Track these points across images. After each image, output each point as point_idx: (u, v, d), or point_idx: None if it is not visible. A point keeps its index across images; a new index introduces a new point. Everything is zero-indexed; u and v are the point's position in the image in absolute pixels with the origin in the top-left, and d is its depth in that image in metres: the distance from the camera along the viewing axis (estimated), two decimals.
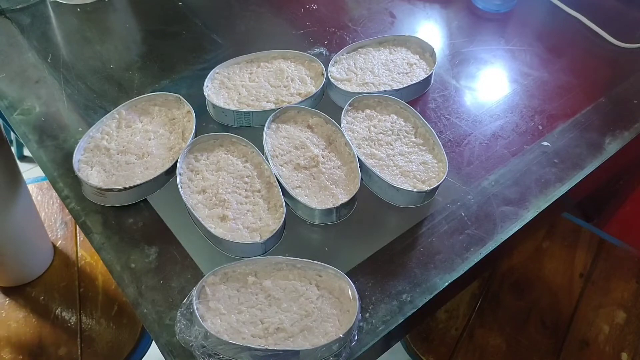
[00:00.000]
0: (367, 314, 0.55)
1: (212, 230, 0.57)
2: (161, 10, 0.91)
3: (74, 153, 0.64)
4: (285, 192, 0.61)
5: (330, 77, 0.73)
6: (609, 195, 1.18)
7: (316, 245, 0.60)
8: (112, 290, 0.85)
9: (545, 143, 0.71)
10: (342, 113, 0.69)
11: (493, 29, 0.90)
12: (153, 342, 0.75)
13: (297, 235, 0.61)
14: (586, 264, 0.95)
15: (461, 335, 0.86)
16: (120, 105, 0.70)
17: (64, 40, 0.86)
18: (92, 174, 0.64)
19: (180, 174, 0.63)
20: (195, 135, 0.67)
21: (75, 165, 0.63)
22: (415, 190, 0.62)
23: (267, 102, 0.71)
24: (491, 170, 0.68)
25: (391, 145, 0.67)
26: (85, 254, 0.89)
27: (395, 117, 0.70)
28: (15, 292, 0.84)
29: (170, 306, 0.54)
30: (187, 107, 0.70)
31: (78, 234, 0.92)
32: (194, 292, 0.53)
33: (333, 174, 0.63)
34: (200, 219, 0.58)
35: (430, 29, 0.90)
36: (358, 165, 0.63)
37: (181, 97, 0.70)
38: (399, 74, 0.76)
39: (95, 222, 0.62)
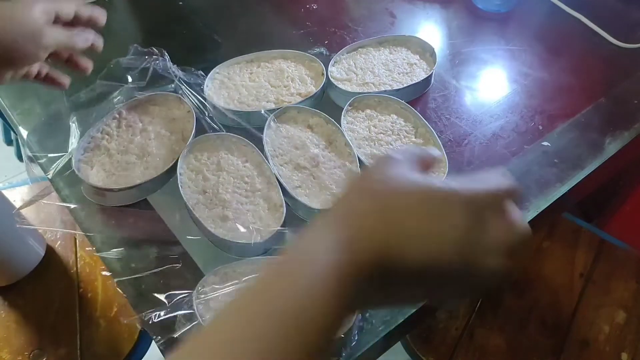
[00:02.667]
0: (367, 314, 0.54)
1: (212, 230, 0.57)
2: (161, 10, 0.91)
3: (74, 152, 0.64)
4: (285, 192, 0.61)
5: (330, 77, 0.73)
6: (609, 195, 1.18)
7: None
8: (111, 290, 0.85)
9: (545, 143, 0.71)
10: (342, 113, 0.69)
11: (493, 29, 0.90)
12: (153, 342, 0.74)
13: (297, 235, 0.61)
14: (586, 264, 0.95)
15: (461, 335, 0.86)
16: (121, 105, 0.70)
17: None
18: (92, 174, 0.64)
19: (180, 174, 0.63)
20: (196, 135, 0.67)
21: (75, 165, 0.63)
22: None
23: (267, 102, 0.71)
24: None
25: (391, 145, 0.67)
26: (85, 254, 0.89)
27: (395, 117, 0.70)
28: (14, 292, 0.84)
29: (170, 306, 0.54)
30: (187, 107, 0.69)
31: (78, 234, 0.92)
32: (194, 292, 0.53)
33: (333, 174, 0.63)
34: (200, 219, 0.58)
35: (431, 29, 0.90)
36: (358, 165, 0.63)
37: (181, 97, 0.70)
38: (399, 74, 0.76)
39: (95, 222, 0.62)
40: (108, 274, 0.58)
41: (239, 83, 0.74)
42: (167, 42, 0.85)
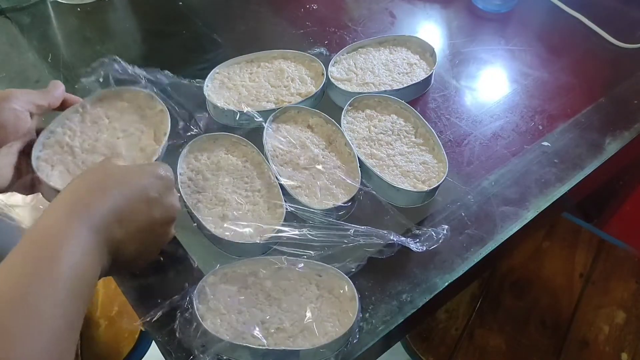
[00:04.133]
0: (367, 314, 0.55)
1: (212, 230, 0.57)
2: (161, 10, 0.91)
3: (33, 149, 0.57)
4: (285, 192, 0.61)
5: (330, 77, 0.73)
6: (609, 195, 1.18)
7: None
8: (112, 290, 0.85)
9: (545, 143, 0.71)
10: (342, 113, 0.69)
11: (493, 29, 0.90)
12: (153, 342, 0.75)
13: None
14: (586, 264, 0.95)
15: (461, 335, 0.86)
16: (85, 98, 0.63)
17: (64, 40, 0.86)
18: (54, 175, 0.57)
19: (180, 174, 0.63)
20: (169, 136, 0.62)
21: (34, 163, 0.57)
22: (415, 190, 0.62)
23: (267, 102, 0.71)
24: (491, 170, 0.68)
25: (391, 145, 0.67)
26: None
27: (395, 117, 0.70)
28: None
29: (170, 306, 0.54)
30: (160, 105, 0.64)
31: None
32: (194, 292, 0.53)
33: (333, 174, 0.63)
34: (200, 219, 0.58)
35: (431, 29, 0.90)
36: (358, 165, 0.63)
37: (153, 95, 0.65)
38: (399, 74, 0.76)
39: None
40: None
41: (239, 83, 0.74)
42: (166, 43, 0.85)
